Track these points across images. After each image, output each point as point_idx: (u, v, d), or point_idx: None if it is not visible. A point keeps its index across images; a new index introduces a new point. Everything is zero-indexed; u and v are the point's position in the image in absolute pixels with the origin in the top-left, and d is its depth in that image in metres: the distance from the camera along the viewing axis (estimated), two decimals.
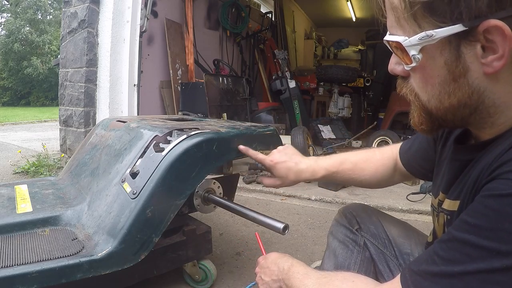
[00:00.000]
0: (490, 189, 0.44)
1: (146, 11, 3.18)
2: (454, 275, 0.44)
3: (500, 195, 0.42)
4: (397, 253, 0.85)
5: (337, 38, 9.69)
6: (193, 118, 1.91)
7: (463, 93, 0.49)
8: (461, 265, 0.44)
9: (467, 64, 0.47)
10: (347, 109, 5.71)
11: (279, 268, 0.75)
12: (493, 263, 0.41)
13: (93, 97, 3.14)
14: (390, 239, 0.87)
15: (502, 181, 0.43)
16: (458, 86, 0.49)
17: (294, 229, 2.02)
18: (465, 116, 0.52)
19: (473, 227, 0.44)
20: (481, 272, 0.42)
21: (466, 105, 0.50)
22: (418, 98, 0.54)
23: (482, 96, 0.49)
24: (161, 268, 1.25)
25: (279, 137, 1.38)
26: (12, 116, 10.88)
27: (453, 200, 0.59)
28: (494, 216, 0.42)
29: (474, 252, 0.43)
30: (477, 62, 0.47)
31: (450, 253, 0.46)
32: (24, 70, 19.23)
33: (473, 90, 0.48)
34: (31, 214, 1.14)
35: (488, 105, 0.49)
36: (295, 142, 3.32)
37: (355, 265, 0.89)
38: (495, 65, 0.45)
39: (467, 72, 0.48)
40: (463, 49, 0.47)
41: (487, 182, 0.46)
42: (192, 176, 1.07)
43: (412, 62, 0.51)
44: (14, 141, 5.39)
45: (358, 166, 0.93)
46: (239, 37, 5.63)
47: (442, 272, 0.46)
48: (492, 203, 0.43)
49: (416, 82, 0.54)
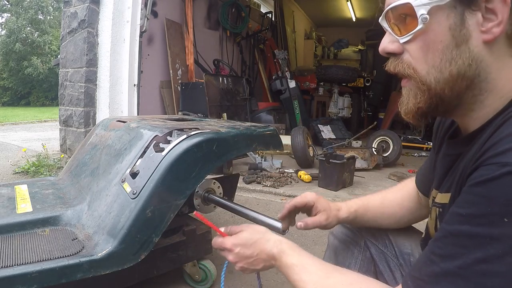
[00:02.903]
0: (476, 177, 0.45)
1: (146, 11, 3.18)
2: (454, 272, 0.44)
3: (486, 180, 0.43)
4: (398, 253, 0.85)
5: (337, 38, 9.69)
6: (193, 118, 1.91)
7: (463, 61, 0.50)
8: (459, 259, 0.44)
9: (470, 30, 0.49)
10: (347, 109, 5.72)
11: (268, 255, 0.68)
12: (489, 250, 0.41)
13: (93, 97, 3.15)
14: (391, 239, 0.87)
15: (485, 167, 0.44)
16: (460, 53, 0.50)
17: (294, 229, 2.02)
18: (461, 92, 0.53)
19: (464, 217, 0.45)
20: (479, 262, 0.42)
21: (465, 76, 0.51)
22: (415, 72, 0.54)
23: (479, 68, 0.51)
24: (161, 268, 1.25)
25: (279, 137, 1.38)
26: (12, 116, 10.88)
27: (444, 193, 0.59)
28: (483, 202, 0.43)
29: (469, 241, 0.43)
30: (477, 30, 0.49)
31: (447, 248, 0.46)
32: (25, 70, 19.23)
33: (472, 58, 0.50)
34: (31, 214, 1.14)
35: (482, 79, 0.51)
36: (295, 142, 3.32)
37: (356, 264, 0.89)
38: (495, 31, 0.48)
39: (469, 39, 0.50)
40: (466, 15, 0.49)
41: (472, 171, 0.47)
42: (192, 176, 1.06)
43: (418, 24, 0.51)
44: (14, 141, 5.39)
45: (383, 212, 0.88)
46: (239, 37, 5.63)
47: (442, 270, 0.46)
48: (479, 190, 0.44)
49: (414, 54, 0.54)
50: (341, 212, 0.87)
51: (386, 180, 3.10)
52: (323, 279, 0.59)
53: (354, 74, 5.80)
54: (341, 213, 0.87)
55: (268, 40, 6.16)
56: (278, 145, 1.36)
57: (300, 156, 3.33)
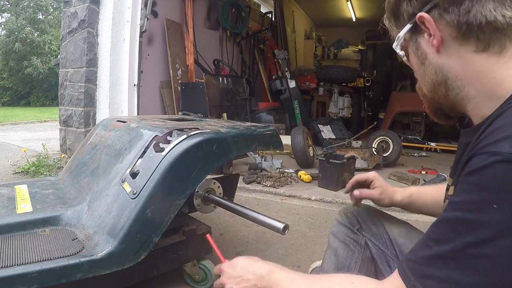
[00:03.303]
0: (469, 166, 0.49)
1: (146, 11, 3.18)
2: (446, 255, 0.47)
3: (477, 169, 0.47)
4: (398, 253, 0.85)
5: (337, 38, 9.68)
6: (193, 118, 1.90)
7: (431, 72, 0.62)
8: (451, 242, 0.47)
9: (425, 49, 0.62)
10: (347, 109, 5.72)
11: (256, 275, 0.70)
12: (479, 235, 0.44)
13: (93, 97, 3.15)
14: (391, 239, 0.87)
15: (478, 156, 0.48)
16: (426, 68, 0.63)
17: (294, 229, 2.02)
18: (444, 94, 0.63)
19: (457, 204, 0.48)
20: (469, 246, 0.45)
21: (437, 82, 0.62)
22: (421, 89, 0.68)
23: (444, 71, 0.60)
24: (161, 268, 1.25)
25: (279, 137, 1.38)
26: (12, 116, 10.88)
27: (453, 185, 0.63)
28: (475, 190, 0.46)
29: (461, 227, 0.47)
30: (429, 46, 0.61)
31: (440, 233, 0.50)
32: (24, 70, 19.23)
33: (435, 67, 0.61)
34: (31, 214, 1.14)
35: (453, 79, 0.60)
36: (295, 142, 3.32)
37: (356, 264, 0.89)
38: (434, 42, 0.59)
39: (427, 55, 0.62)
40: (419, 40, 0.62)
41: (467, 161, 0.51)
42: (192, 176, 1.06)
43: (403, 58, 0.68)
44: (14, 141, 5.39)
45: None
46: (239, 37, 5.63)
47: (435, 253, 0.49)
48: (471, 178, 0.48)
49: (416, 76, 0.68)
50: (396, 194, 0.96)
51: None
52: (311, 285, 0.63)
53: (354, 74, 5.80)
54: (396, 195, 0.96)
55: (268, 40, 6.15)
56: (278, 145, 1.36)
57: (300, 156, 3.33)
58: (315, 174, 2.94)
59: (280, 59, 5.51)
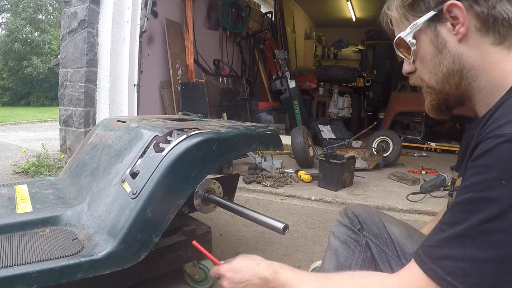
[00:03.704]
0: (476, 152, 0.51)
1: (146, 11, 3.18)
2: (462, 234, 0.49)
3: (484, 152, 0.49)
4: (399, 252, 0.85)
5: (337, 38, 9.68)
6: (193, 118, 1.90)
7: (448, 61, 0.63)
8: (465, 222, 0.49)
9: (445, 38, 0.63)
10: (347, 109, 5.71)
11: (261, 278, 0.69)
12: (491, 210, 0.46)
13: (93, 97, 3.14)
14: (392, 239, 0.87)
15: (483, 142, 0.51)
16: (443, 56, 0.64)
17: (294, 229, 2.02)
18: (457, 83, 0.64)
19: (468, 187, 0.51)
20: (483, 222, 0.47)
21: (453, 71, 0.63)
22: (423, 80, 0.69)
23: (462, 61, 0.62)
24: (161, 268, 1.25)
25: (279, 137, 1.38)
26: (12, 116, 10.88)
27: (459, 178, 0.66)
28: (483, 171, 0.49)
29: (473, 206, 0.49)
30: (451, 35, 0.62)
31: (454, 216, 0.51)
32: (24, 70, 19.23)
33: (453, 56, 0.63)
34: (31, 214, 1.14)
35: (469, 68, 0.62)
36: (295, 142, 3.32)
37: (357, 264, 0.89)
38: (461, 30, 0.60)
39: (446, 44, 0.63)
40: (439, 28, 0.63)
41: (473, 149, 0.53)
42: (192, 176, 1.06)
43: (411, 47, 0.67)
44: (14, 141, 5.39)
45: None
46: (239, 37, 5.63)
47: (450, 234, 0.50)
48: (479, 161, 0.50)
49: (419, 68, 0.69)
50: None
51: (386, 180, 3.10)
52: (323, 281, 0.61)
53: (354, 74, 5.79)
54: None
55: (268, 40, 6.15)
56: (278, 145, 1.36)
57: (300, 156, 3.33)
58: (315, 174, 2.94)
59: (280, 59, 5.50)
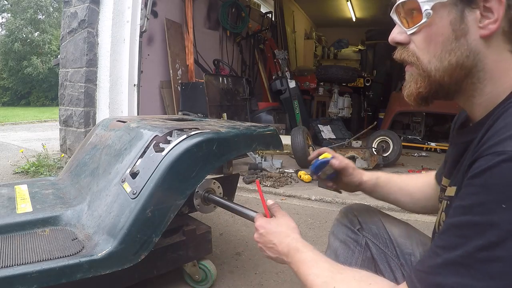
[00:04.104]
0: (475, 169, 0.47)
1: (146, 11, 3.18)
2: (457, 261, 0.45)
3: (484, 170, 0.45)
4: (399, 253, 0.85)
5: (337, 38, 9.69)
6: (193, 118, 1.91)
7: (461, 52, 0.56)
8: (460, 248, 0.45)
9: (468, 26, 0.55)
10: (347, 109, 5.71)
11: (285, 248, 0.72)
12: (489, 237, 0.42)
13: (93, 97, 3.14)
14: (392, 239, 0.87)
15: (483, 158, 0.46)
16: (459, 45, 0.56)
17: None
18: (459, 79, 0.58)
19: (465, 208, 0.46)
20: (480, 249, 0.43)
21: (463, 66, 0.56)
22: (418, 60, 0.60)
23: (476, 59, 0.56)
24: (161, 268, 1.25)
25: (279, 137, 1.38)
26: (12, 116, 10.88)
27: (452, 186, 0.61)
28: (482, 192, 0.44)
29: (470, 231, 0.44)
30: (475, 25, 0.54)
31: (449, 239, 0.47)
32: (24, 70, 19.23)
33: (470, 50, 0.55)
34: (31, 214, 1.14)
35: (479, 69, 0.56)
36: (295, 142, 3.32)
37: (356, 265, 0.89)
38: (491, 27, 0.53)
39: (467, 33, 0.55)
40: (467, 13, 0.54)
41: (471, 163, 0.49)
42: (192, 176, 1.06)
43: (423, 18, 0.57)
44: (14, 141, 5.39)
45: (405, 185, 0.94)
46: (239, 37, 5.63)
47: (445, 261, 0.46)
48: (477, 180, 0.46)
49: (419, 44, 0.60)
50: (364, 175, 0.95)
51: None
52: (334, 273, 0.61)
53: (354, 74, 5.80)
54: (364, 176, 0.95)
55: (268, 40, 6.15)
56: (278, 145, 1.36)
57: (300, 156, 3.33)
58: None
59: (280, 59, 5.51)
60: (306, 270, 0.64)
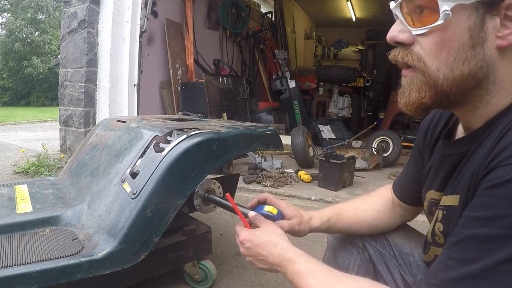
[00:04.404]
0: (493, 179, 0.44)
1: (146, 11, 3.18)
2: (476, 275, 0.43)
3: (505, 182, 0.43)
4: (396, 253, 0.85)
5: (337, 38, 9.68)
6: (193, 118, 1.91)
7: (476, 62, 0.51)
8: (480, 261, 0.43)
9: (487, 33, 0.50)
10: (347, 109, 5.71)
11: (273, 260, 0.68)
12: (510, 251, 0.41)
13: (93, 97, 3.14)
14: (389, 240, 0.87)
15: (502, 168, 0.44)
16: (474, 54, 0.50)
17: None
18: (467, 90, 0.53)
19: (484, 220, 0.44)
20: (501, 263, 0.41)
21: (475, 76, 0.51)
22: (425, 66, 0.53)
23: (489, 70, 0.51)
24: (161, 268, 1.25)
25: (279, 137, 1.38)
26: (12, 116, 10.88)
27: (450, 195, 0.59)
28: (503, 204, 0.42)
29: (490, 244, 0.42)
30: (493, 34, 0.50)
31: (466, 252, 0.45)
32: (24, 70, 19.24)
33: (484, 60, 0.50)
34: (31, 214, 1.14)
35: (490, 80, 0.52)
36: (295, 142, 3.32)
37: (355, 265, 0.89)
38: (510, 38, 0.49)
39: (485, 42, 0.50)
40: (487, 20, 0.49)
41: (487, 173, 0.46)
42: (192, 176, 1.07)
43: (439, 20, 0.50)
44: (14, 141, 5.39)
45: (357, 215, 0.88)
46: (239, 37, 5.63)
47: (462, 275, 0.44)
48: (498, 192, 0.43)
49: (428, 48, 0.53)
50: (313, 220, 0.86)
51: (386, 180, 3.10)
52: (332, 284, 0.58)
53: (354, 74, 5.79)
54: (313, 222, 0.85)
55: (268, 40, 6.15)
56: (278, 145, 1.36)
57: (300, 156, 3.33)
58: (315, 174, 2.94)
59: (280, 59, 5.50)
60: (302, 282, 0.61)
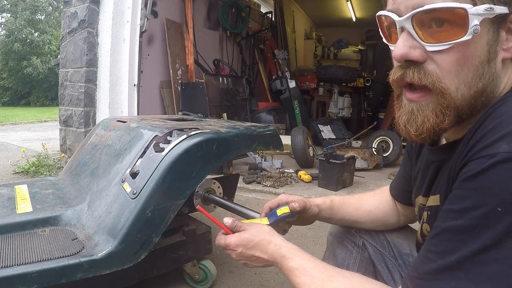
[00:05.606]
0: (466, 172, 0.45)
1: (146, 11, 3.18)
2: (453, 266, 0.44)
3: (477, 173, 0.43)
4: (396, 253, 0.85)
5: (337, 38, 9.69)
6: (193, 118, 1.91)
7: (489, 77, 0.49)
8: (456, 252, 0.43)
9: (498, 48, 0.48)
10: (347, 109, 5.71)
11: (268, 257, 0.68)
12: (485, 240, 0.41)
13: (93, 97, 3.15)
14: (389, 240, 0.87)
15: (475, 161, 0.44)
16: (489, 69, 0.48)
17: (294, 229, 2.02)
18: (475, 108, 0.50)
19: (458, 212, 0.44)
20: (477, 253, 0.42)
21: (485, 92, 0.49)
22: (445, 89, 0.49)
23: (496, 84, 0.50)
24: (161, 268, 1.25)
25: (279, 137, 1.38)
26: (12, 116, 10.88)
27: (432, 195, 0.59)
28: (476, 195, 0.43)
29: (465, 235, 0.43)
30: (501, 48, 0.49)
31: (443, 244, 0.46)
32: (24, 70, 19.25)
33: (495, 74, 0.49)
34: (31, 214, 1.14)
35: (495, 95, 0.51)
36: (295, 142, 3.32)
37: (354, 265, 0.89)
38: None
39: (497, 56, 0.49)
40: (500, 32, 0.48)
41: (461, 167, 0.47)
42: (192, 176, 1.07)
43: (466, 35, 0.46)
44: (14, 141, 5.39)
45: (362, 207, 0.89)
46: (239, 37, 5.63)
47: (441, 266, 0.45)
48: (470, 183, 0.44)
49: (447, 66, 0.48)
50: (317, 201, 0.86)
51: (386, 180, 3.10)
52: (325, 281, 0.58)
53: (354, 74, 5.79)
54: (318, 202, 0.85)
55: (268, 40, 6.15)
56: (278, 145, 1.36)
57: (300, 156, 3.33)
58: (315, 174, 2.94)
59: (280, 59, 5.51)
60: (296, 279, 0.61)
